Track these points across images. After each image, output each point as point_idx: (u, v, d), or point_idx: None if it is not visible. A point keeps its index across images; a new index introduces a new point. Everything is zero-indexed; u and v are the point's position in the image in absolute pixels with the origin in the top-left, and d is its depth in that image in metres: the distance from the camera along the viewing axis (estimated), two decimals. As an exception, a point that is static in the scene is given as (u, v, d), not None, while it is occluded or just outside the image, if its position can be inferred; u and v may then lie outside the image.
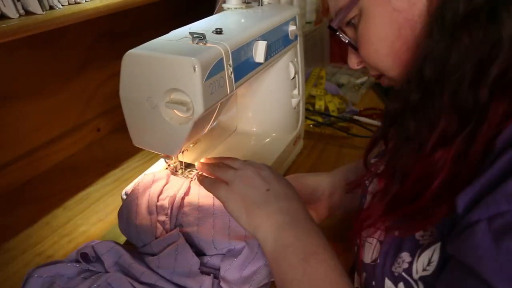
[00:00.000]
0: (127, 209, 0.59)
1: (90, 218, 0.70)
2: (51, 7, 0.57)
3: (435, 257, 0.37)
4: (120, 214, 0.60)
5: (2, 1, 0.51)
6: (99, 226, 0.68)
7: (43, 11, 0.55)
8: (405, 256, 0.40)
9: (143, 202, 0.59)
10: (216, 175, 0.55)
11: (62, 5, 0.59)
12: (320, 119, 1.00)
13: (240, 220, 0.49)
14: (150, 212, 0.58)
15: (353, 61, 0.50)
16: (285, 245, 0.45)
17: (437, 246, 0.37)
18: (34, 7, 0.54)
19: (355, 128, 0.97)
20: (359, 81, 1.21)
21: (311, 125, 0.99)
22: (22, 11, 0.54)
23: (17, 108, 0.76)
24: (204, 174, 0.58)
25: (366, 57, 0.46)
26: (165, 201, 0.59)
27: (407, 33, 0.41)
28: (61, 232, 0.67)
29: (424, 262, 0.38)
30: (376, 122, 0.99)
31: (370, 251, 0.46)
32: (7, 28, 0.50)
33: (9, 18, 0.52)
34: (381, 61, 0.44)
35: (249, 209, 0.48)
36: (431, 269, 0.38)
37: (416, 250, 0.39)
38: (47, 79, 0.81)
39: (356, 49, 0.47)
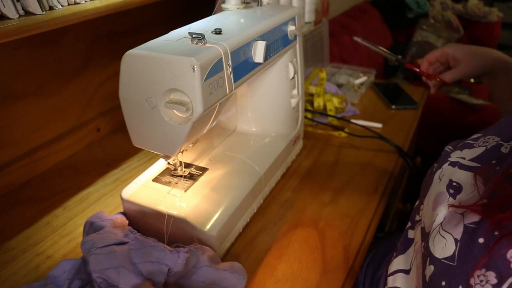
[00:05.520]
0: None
1: (90, 218, 0.70)
2: (51, 8, 0.57)
3: None
4: None
5: (2, 2, 0.51)
6: (99, 226, 0.68)
7: (42, 11, 0.55)
8: (491, 276, 0.36)
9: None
10: None
11: (61, 6, 0.59)
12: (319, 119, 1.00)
13: None
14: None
15: None
16: None
17: None
18: (34, 7, 0.54)
19: (354, 128, 0.97)
20: (358, 81, 1.22)
21: (310, 125, 0.99)
22: (21, 12, 0.54)
23: (17, 108, 0.77)
24: None
25: None
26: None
27: None
28: (61, 232, 0.67)
29: None
30: (375, 124, 1.00)
31: (442, 245, 0.42)
32: (7, 28, 0.50)
33: (8, 18, 0.52)
34: None
35: None
36: None
37: (508, 276, 0.34)
38: (47, 79, 0.81)
39: None
